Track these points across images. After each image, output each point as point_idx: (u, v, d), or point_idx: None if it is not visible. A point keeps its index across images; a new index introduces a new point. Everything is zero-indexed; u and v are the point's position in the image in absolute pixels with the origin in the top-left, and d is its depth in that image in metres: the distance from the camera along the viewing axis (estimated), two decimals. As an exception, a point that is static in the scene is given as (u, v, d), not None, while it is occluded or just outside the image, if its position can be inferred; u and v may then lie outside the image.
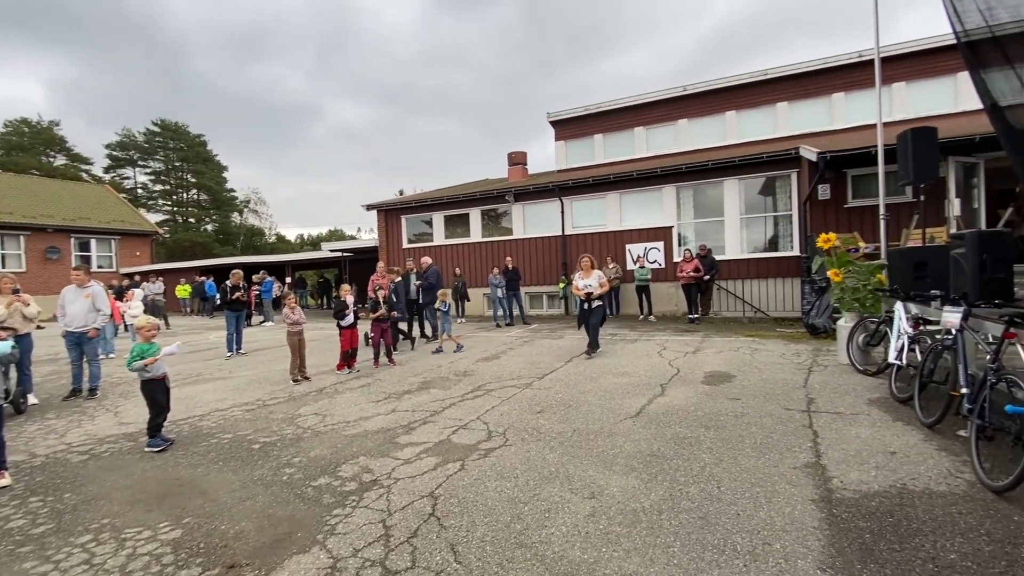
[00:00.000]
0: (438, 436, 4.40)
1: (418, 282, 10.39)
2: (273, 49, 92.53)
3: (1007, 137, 5.55)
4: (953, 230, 8.15)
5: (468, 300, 14.43)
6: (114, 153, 46.06)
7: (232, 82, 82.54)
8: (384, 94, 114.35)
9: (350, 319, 7.52)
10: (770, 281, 12.41)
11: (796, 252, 11.97)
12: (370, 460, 3.91)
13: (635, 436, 4.17)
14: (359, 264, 22.33)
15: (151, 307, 14.54)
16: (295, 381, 6.93)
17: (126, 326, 12.30)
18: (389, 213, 17.82)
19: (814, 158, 10.13)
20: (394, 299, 8.03)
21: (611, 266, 13.37)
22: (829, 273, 6.84)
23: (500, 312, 13.07)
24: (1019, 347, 3.26)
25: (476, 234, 16.44)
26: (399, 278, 8.46)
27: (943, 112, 13.17)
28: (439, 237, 17.08)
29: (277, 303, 17.47)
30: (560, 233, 14.93)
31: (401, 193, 50.20)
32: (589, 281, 7.78)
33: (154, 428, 4.42)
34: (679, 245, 13.42)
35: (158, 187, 48.11)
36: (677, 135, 17.12)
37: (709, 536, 2.62)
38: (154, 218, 40.35)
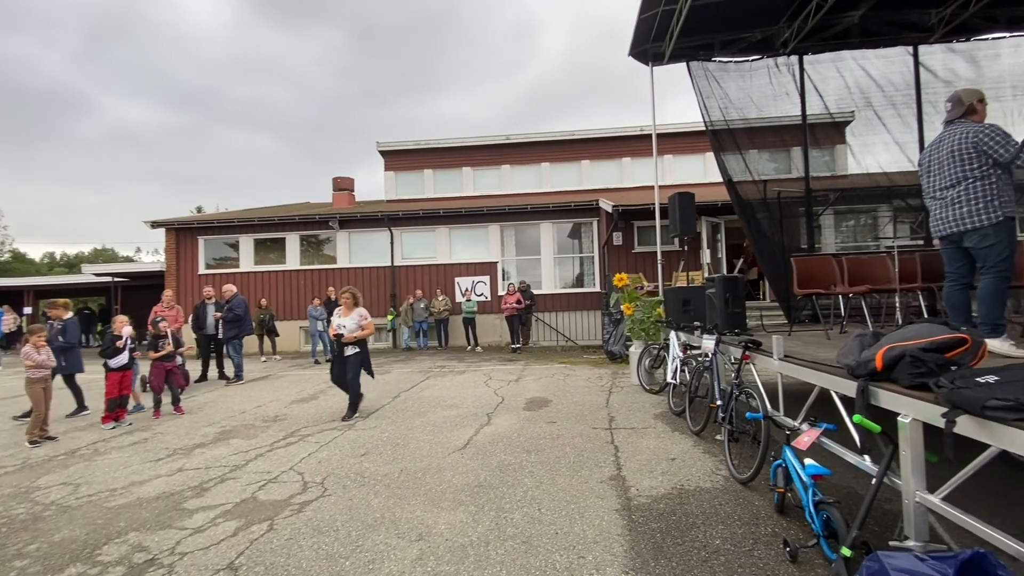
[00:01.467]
0: (240, 495, 3.79)
1: (218, 313, 9.02)
2: (20, 18, 73.35)
3: (737, 205, 7.32)
4: (706, 274, 10.31)
5: (277, 335, 12.90)
6: None
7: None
8: (182, 97, 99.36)
9: (123, 358, 6.12)
10: (578, 313, 13.98)
11: (598, 288, 13.75)
12: (145, 535, 3.17)
13: (463, 468, 4.19)
14: (137, 292, 18.51)
15: None
16: (33, 443, 5.30)
17: None
18: (183, 232, 15.24)
19: (610, 210, 11.94)
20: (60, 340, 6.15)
21: (440, 298, 13.54)
22: (623, 307, 8.01)
23: (320, 347, 12.06)
24: (752, 366, 4.24)
25: (293, 261, 15.06)
26: (69, 314, 6.46)
27: (697, 181, 16.78)
28: (247, 263, 15.17)
29: (13, 340, 13.32)
30: (389, 264, 14.61)
31: (199, 211, 43.68)
32: (344, 321, 6.07)
33: None
34: (503, 279, 14.31)
35: None
36: (501, 178, 18.44)
37: (532, 559, 2.74)
38: None
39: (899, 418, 2.29)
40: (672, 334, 6.40)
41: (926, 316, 5.23)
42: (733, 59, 7.75)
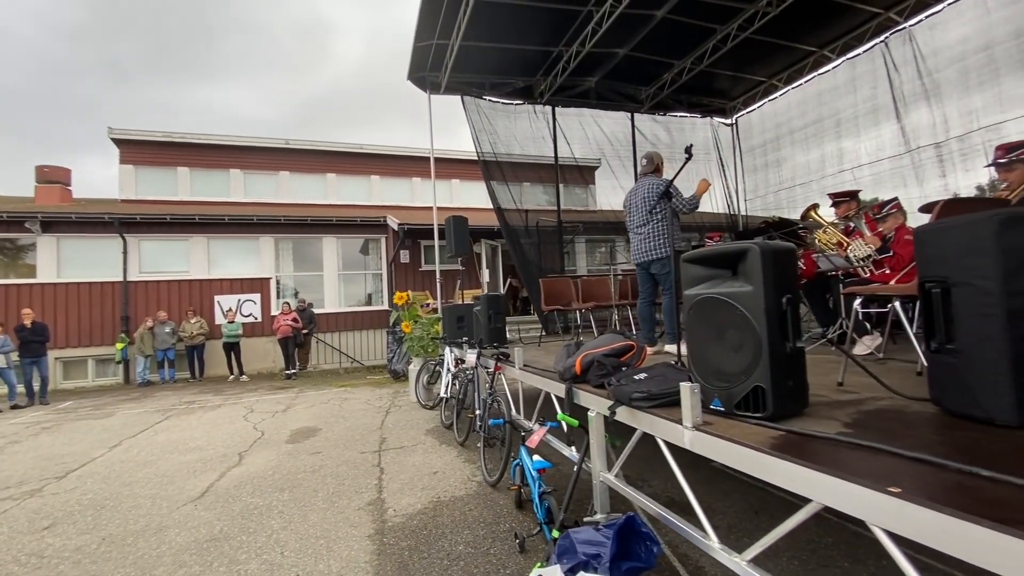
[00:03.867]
0: None
1: None
2: None
3: (505, 229, 8.10)
4: (484, 292, 11.10)
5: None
6: None
7: None
8: None
9: None
10: (366, 332, 13.52)
11: (386, 306, 13.55)
12: None
13: (193, 522, 3.57)
14: None
15: None
16: None
17: None
18: None
19: (396, 227, 11.96)
20: None
21: (193, 320, 11.51)
22: (403, 325, 8.05)
23: (3, 389, 8.99)
24: (503, 376, 4.68)
25: (-40, 274, 10.99)
26: None
27: (482, 206, 18.01)
28: None
29: None
30: (121, 279, 11.82)
31: None
32: None
33: None
34: (278, 297, 12.96)
35: None
36: (279, 186, 16.78)
37: (261, 611, 2.47)
38: None
39: (589, 412, 2.80)
40: (446, 349, 6.67)
41: (633, 328, 6.59)
42: (501, 100, 8.64)
